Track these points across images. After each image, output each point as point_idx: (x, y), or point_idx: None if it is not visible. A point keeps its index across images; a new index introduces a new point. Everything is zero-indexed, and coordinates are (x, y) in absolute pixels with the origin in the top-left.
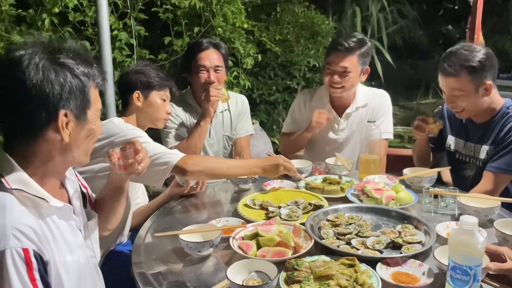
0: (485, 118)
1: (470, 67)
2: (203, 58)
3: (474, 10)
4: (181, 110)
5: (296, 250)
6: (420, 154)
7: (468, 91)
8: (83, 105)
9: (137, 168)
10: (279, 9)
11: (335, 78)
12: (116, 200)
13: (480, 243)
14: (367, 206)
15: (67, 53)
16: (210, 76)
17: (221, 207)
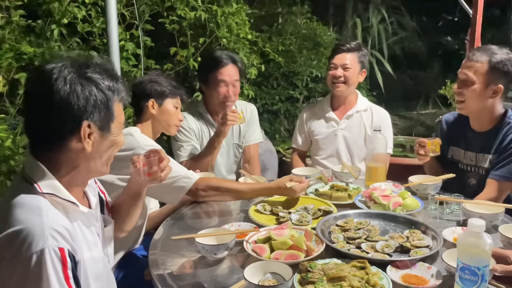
0: (486, 127)
1: (492, 59)
2: (223, 73)
3: (473, 22)
4: (194, 121)
5: (308, 253)
6: (431, 168)
7: (479, 82)
8: (106, 118)
9: (160, 175)
10: (281, 20)
11: (337, 72)
12: (133, 205)
13: (487, 244)
14: (375, 212)
15: (94, 68)
16: (229, 91)
17: (232, 213)
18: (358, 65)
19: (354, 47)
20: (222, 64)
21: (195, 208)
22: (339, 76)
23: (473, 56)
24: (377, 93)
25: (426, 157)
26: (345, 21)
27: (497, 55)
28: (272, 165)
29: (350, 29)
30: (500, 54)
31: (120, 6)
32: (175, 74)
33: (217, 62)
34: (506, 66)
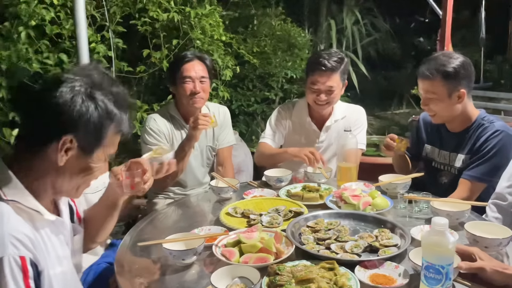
0: (460, 127)
1: (444, 72)
2: (188, 69)
3: (443, 23)
4: (164, 123)
5: (277, 256)
6: (398, 164)
7: (441, 95)
8: (93, 141)
9: (144, 187)
10: (256, 22)
11: (321, 97)
12: (109, 215)
13: (450, 243)
14: (345, 212)
15: (105, 91)
16: (196, 86)
17: (203, 216)
18: (341, 84)
19: (336, 65)
20: (186, 60)
21: (165, 213)
22: (324, 100)
23: (424, 75)
24: (352, 93)
25: (391, 152)
26: (319, 23)
27: (447, 66)
28: (247, 167)
29: (325, 30)
30: (450, 63)
31: (90, 8)
32: (150, 76)
33: (181, 59)
34: (460, 72)
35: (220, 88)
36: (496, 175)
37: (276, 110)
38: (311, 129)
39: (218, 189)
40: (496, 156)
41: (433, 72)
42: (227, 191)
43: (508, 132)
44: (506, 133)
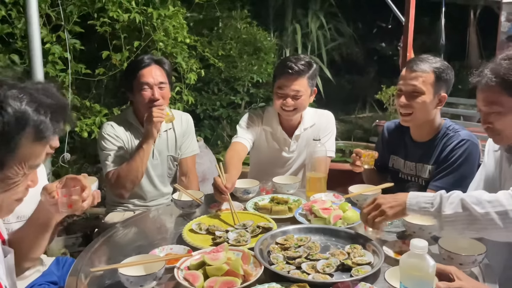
0: (426, 137)
1: (437, 69)
2: (145, 75)
3: (406, 30)
4: (122, 130)
5: (245, 279)
6: (368, 177)
7: (429, 93)
8: (1, 152)
9: (82, 206)
10: (221, 25)
11: (288, 102)
12: (40, 237)
13: (430, 266)
14: (316, 226)
15: (20, 92)
16: (155, 94)
17: (165, 233)
18: (308, 90)
19: (304, 69)
20: (143, 65)
21: (123, 229)
22: (290, 106)
23: (417, 67)
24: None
25: (359, 168)
26: (285, 27)
27: (437, 64)
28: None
29: (290, 34)
30: (439, 63)
31: (44, 6)
32: (111, 79)
33: (138, 64)
34: (447, 74)
35: (184, 92)
36: (463, 185)
37: (247, 114)
38: (282, 138)
39: (181, 203)
40: (462, 166)
41: (426, 65)
42: (191, 204)
43: (473, 141)
44: (471, 142)
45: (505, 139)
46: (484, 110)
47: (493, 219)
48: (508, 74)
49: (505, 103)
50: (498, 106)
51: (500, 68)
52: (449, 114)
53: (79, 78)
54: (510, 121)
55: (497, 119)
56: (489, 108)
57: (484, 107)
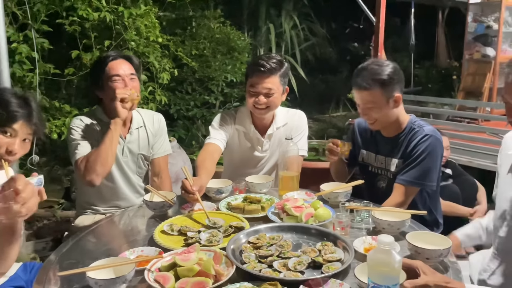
0: (394, 132)
1: (380, 81)
2: (114, 68)
3: (377, 30)
4: (91, 124)
5: (217, 279)
6: (337, 171)
7: (380, 103)
8: None
9: (20, 211)
10: (194, 24)
11: (260, 99)
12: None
13: (397, 262)
14: (288, 225)
15: None
16: (127, 84)
17: (136, 235)
18: (280, 88)
19: (276, 67)
20: (110, 58)
21: (93, 232)
22: (262, 103)
23: (360, 87)
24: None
25: (335, 157)
26: (259, 27)
27: (382, 74)
28: None
29: (264, 34)
30: (383, 71)
31: (11, 5)
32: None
33: (105, 59)
34: (394, 78)
35: (157, 91)
36: (427, 178)
37: (219, 114)
38: (255, 137)
39: (153, 204)
40: (426, 160)
41: (370, 82)
42: (163, 206)
43: (436, 136)
44: (434, 137)
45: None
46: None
47: None
48: None
49: None
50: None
51: None
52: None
53: (48, 78)
54: None
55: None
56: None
57: None
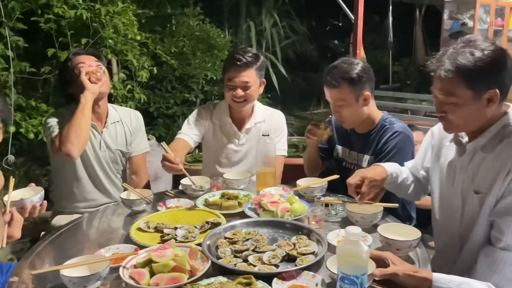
0: (366, 129)
1: (349, 79)
2: (78, 59)
3: (355, 28)
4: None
5: (192, 274)
6: (310, 161)
7: (350, 101)
8: None
9: None
10: (174, 22)
11: (238, 93)
12: None
13: (364, 252)
14: (263, 220)
15: None
16: (92, 65)
17: (113, 233)
18: (257, 80)
19: (252, 61)
20: (74, 56)
21: (69, 231)
22: (240, 96)
23: (330, 84)
24: (272, 95)
25: (314, 138)
26: (239, 24)
27: (350, 72)
28: (165, 173)
29: (245, 32)
30: (352, 69)
31: None
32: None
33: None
34: (363, 76)
35: (136, 90)
36: None
37: (196, 109)
38: (232, 131)
39: (130, 202)
40: (395, 156)
41: (339, 80)
42: (140, 203)
43: (406, 133)
44: (404, 134)
45: (455, 128)
46: (439, 99)
47: None
48: (467, 64)
49: (462, 95)
50: (455, 97)
51: (458, 56)
52: (398, 109)
53: (24, 77)
54: (464, 112)
55: (452, 110)
56: (445, 98)
57: (441, 95)
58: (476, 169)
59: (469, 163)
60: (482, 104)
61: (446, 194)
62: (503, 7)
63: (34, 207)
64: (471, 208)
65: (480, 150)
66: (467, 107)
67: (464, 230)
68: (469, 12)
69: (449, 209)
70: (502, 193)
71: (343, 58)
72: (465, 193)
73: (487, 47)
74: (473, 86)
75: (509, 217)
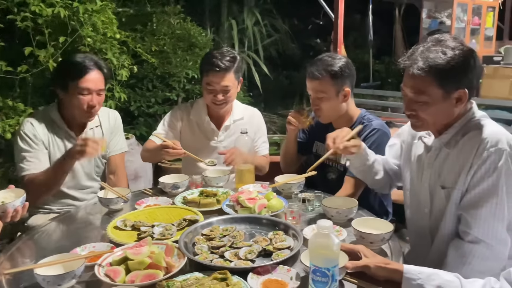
0: (345, 126)
1: (332, 71)
2: (88, 81)
3: (335, 26)
4: (42, 128)
5: (168, 270)
6: (287, 154)
7: (330, 94)
8: None
9: None
10: (155, 20)
11: (218, 97)
12: None
13: (335, 244)
14: (241, 216)
15: None
16: (93, 99)
17: (90, 232)
18: (236, 82)
19: (230, 65)
20: (86, 70)
21: (45, 231)
22: (221, 100)
23: (313, 75)
24: (255, 93)
25: (296, 125)
26: (221, 23)
27: (334, 66)
28: (146, 172)
29: (227, 30)
30: (335, 63)
31: None
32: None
33: (80, 68)
34: (345, 71)
35: (116, 88)
36: None
37: (172, 110)
38: (210, 128)
39: (107, 201)
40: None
41: (322, 72)
42: (117, 202)
43: (384, 130)
44: (382, 131)
45: (424, 126)
46: (410, 97)
47: None
48: (440, 63)
49: (433, 94)
50: (426, 96)
51: (431, 55)
52: (379, 107)
53: (1, 77)
54: (433, 111)
55: (422, 109)
56: (415, 96)
57: (411, 93)
58: (441, 164)
59: (435, 159)
60: (451, 103)
61: (416, 190)
62: (480, 6)
63: (16, 211)
64: (439, 203)
65: (445, 146)
66: (437, 106)
67: (434, 224)
68: (447, 11)
69: (418, 204)
70: (467, 187)
71: (327, 53)
72: (432, 188)
73: (457, 46)
74: (444, 85)
75: (474, 211)
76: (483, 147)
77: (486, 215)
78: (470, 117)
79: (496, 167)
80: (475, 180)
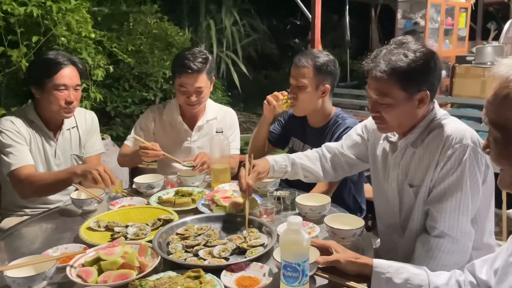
0: (320, 123)
1: (317, 63)
2: (63, 76)
3: (313, 27)
4: (23, 126)
5: (141, 270)
6: (257, 139)
7: (310, 85)
8: None
9: None
10: (131, 19)
11: (191, 99)
12: None
13: (305, 240)
14: (215, 215)
15: None
16: (70, 95)
17: (63, 233)
18: (208, 82)
19: (202, 66)
20: (60, 66)
21: (16, 233)
22: (195, 101)
23: (299, 63)
24: (234, 93)
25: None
26: (199, 22)
27: (320, 58)
28: (122, 174)
29: (205, 30)
30: (322, 57)
31: None
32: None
33: (54, 64)
34: (329, 66)
35: (92, 89)
36: None
37: (144, 113)
38: (182, 129)
39: (80, 202)
40: None
41: (308, 61)
42: (90, 203)
43: None
44: None
45: (389, 128)
46: (374, 99)
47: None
48: (401, 66)
49: (396, 96)
50: (389, 98)
51: (393, 57)
52: (357, 106)
53: None
54: (397, 113)
55: (386, 111)
56: (379, 99)
57: (375, 96)
58: (408, 164)
59: (401, 159)
60: (413, 104)
61: (383, 189)
62: (453, 7)
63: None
64: (408, 201)
65: (411, 146)
66: (400, 108)
67: (404, 221)
68: (421, 12)
69: (387, 203)
70: (434, 183)
71: (317, 49)
72: (400, 187)
73: (419, 49)
74: (406, 87)
75: (440, 205)
76: (449, 144)
77: (451, 208)
78: (432, 116)
79: (461, 162)
80: (441, 176)
